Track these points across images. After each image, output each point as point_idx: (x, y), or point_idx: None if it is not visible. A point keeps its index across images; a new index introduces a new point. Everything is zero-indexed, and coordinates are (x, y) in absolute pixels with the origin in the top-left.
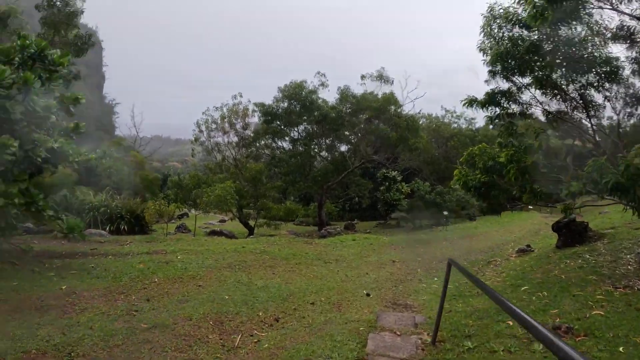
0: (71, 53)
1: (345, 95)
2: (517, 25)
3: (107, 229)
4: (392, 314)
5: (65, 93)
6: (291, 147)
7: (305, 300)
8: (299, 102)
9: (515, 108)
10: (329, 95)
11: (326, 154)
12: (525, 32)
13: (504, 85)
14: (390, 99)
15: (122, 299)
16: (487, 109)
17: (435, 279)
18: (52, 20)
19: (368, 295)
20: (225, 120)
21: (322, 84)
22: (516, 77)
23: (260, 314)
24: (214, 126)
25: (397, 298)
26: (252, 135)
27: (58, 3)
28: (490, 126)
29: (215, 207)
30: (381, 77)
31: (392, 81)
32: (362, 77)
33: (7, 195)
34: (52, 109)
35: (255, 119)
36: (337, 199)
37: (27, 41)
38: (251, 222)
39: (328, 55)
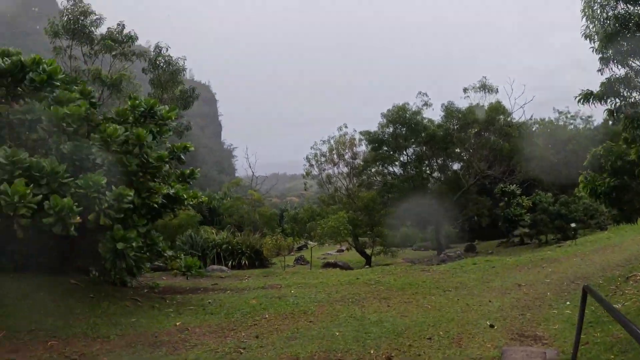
0: (178, 107)
1: (450, 111)
2: (620, 1)
3: (229, 264)
4: (519, 348)
5: (176, 143)
6: (402, 172)
7: (422, 334)
8: (403, 125)
9: (637, 96)
10: (434, 114)
11: (439, 174)
12: (632, 7)
13: (620, 71)
14: (498, 108)
15: (232, 335)
16: (606, 101)
17: (568, 302)
18: (158, 80)
19: (492, 326)
20: (333, 152)
21: (425, 104)
22: (631, 59)
23: (372, 351)
24: (323, 159)
25: (525, 328)
26: (361, 164)
27: (162, 65)
28: (610, 122)
29: (329, 238)
30: (484, 87)
31: (497, 89)
32: (465, 90)
33: (126, 240)
34: (164, 159)
35: (362, 148)
36: (454, 220)
37: (137, 101)
38: (368, 251)
39: (426, 74)
